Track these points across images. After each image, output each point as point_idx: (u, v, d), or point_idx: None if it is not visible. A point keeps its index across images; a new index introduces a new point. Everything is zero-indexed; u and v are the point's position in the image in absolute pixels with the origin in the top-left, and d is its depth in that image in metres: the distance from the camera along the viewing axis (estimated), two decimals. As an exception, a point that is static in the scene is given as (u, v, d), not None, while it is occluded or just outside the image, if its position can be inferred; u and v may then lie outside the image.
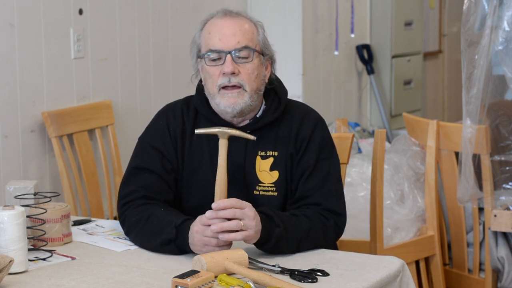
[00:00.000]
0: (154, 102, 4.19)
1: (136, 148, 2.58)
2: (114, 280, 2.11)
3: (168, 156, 2.51)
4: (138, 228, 2.39)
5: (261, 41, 2.48)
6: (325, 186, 2.46)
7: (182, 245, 2.29)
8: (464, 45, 3.51)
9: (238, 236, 2.22)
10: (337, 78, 5.38)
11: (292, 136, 2.49)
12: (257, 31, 2.48)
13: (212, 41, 2.43)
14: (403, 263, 2.28)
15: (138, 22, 4.09)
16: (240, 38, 2.42)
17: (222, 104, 2.42)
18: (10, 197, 2.49)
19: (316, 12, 5.04)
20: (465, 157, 3.47)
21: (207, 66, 2.44)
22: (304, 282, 2.10)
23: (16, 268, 2.15)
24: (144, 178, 2.49)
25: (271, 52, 2.52)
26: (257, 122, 2.49)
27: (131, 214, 2.43)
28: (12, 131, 3.49)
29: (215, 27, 2.45)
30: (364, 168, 3.91)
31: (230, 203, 2.22)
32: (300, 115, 2.52)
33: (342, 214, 2.47)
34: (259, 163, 2.48)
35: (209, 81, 2.45)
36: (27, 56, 3.52)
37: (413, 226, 3.69)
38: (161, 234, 2.33)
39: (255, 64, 2.44)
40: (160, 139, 2.52)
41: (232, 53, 2.41)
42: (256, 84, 2.44)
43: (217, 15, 2.49)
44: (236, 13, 2.48)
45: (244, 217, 2.22)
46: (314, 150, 2.48)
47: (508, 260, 3.50)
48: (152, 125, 2.59)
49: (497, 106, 3.58)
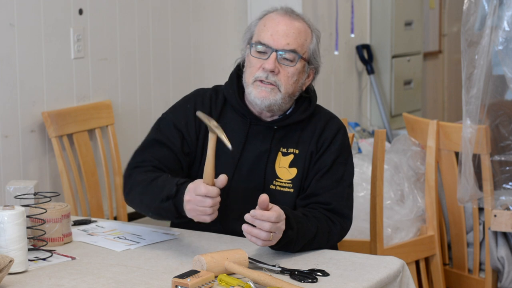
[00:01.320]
0: (154, 102, 4.19)
1: (158, 123, 2.57)
2: (114, 280, 2.11)
3: (188, 140, 2.52)
4: (141, 187, 2.39)
5: (311, 50, 2.50)
6: (337, 188, 2.48)
7: (178, 203, 2.28)
8: (464, 45, 3.51)
9: (259, 243, 2.23)
10: (337, 78, 5.38)
11: (315, 136, 2.52)
12: (311, 38, 2.50)
13: (264, 34, 2.45)
14: (403, 263, 2.28)
15: (138, 22, 4.09)
16: (291, 40, 2.44)
17: (253, 94, 2.45)
18: (10, 197, 2.49)
19: (316, 12, 5.04)
20: (465, 157, 3.47)
21: (251, 56, 2.47)
22: (304, 282, 2.10)
23: (16, 268, 2.15)
24: (161, 151, 2.49)
25: (317, 63, 2.53)
26: (286, 119, 2.51)
27: (137, 175, 2.43)
28: (12, 131, 3.49)
29: (271, 22, 2.46)
30: (364, 168, 3.92)
31: (268, 218, 2.20)
32: (325, 119, 2.56)
33: (349, 218, 2.49)
34: (279, 159, 2.50)
35: (248, 70, 2.48)
36: (27, 56, 3.52)
37: (413, 226, 3.69)
38: (162, 192, 2.32)
39: (297, 69, 2.46)
40: (184, 121, 2.53)
41: (279, 52, 2.43)
42: (292, 89, 2.47)
43: (278, 11, 2.50)
44: (297, 15, 2.50)
45: (277, 231, 2.23)
46: (333, 152, 2.51)
47: (508, 260, 3.50)
48: (178, 106, 2.59)
49: (497, 106, 3.58)
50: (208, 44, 4.49)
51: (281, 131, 2.51)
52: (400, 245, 3.57)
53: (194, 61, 4.44)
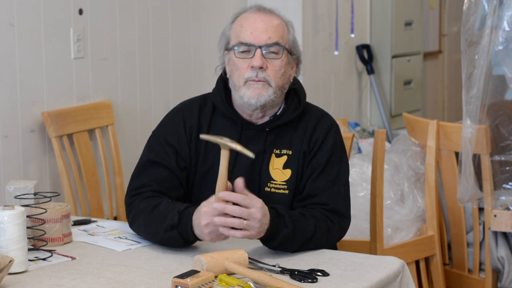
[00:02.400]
0: (154, 102, 4.19)
1: (150, 142, 2.57)
2: (114, 280, 2.11)
3: (182, 154, 2.51)
4: (143, 217, 2.39)
5: (291, 40, 2.51)
6: (333, 188, 2.47)
7: (184, 231, 2.29)
8: (464, 45, 3.51)
9: (238, 234, 2.23)
10: (337, 78, 5.38)
11: (307, 136, 2.51)
12: (287, 30, 2.51)
13: (244, 34, 2.45)
14: (403, 263, 2.28)
15: (138, 22, 4.09)
16: (271, 34, 2.44)
17: (247, 95, 2.44)
18: (10, 197, 2.49)
19: (316, 12, 5.04)
20: (465, 157, 3.47)
21: (236, 58, 2.46)
22: (304, 282, 2.10)
23: (16, 268, 2.15)
24: (157, 172, 2.49)
25: (298, 53, 2.54)
26: (277, 120, 2.51)
27: (138, 203, 2.43)
28: (12, 131, 3.49)
29: (247, 21, 2.47)
30: (364, 168, 3.92)
31: (235, 198, 2.21)
32: (316, 117, 2.55)
33: (347, 217, 2.48)
34: (273, 161, 2.50)
35: (235, 73, 2.47)
36: (27, 56, 3.52)
37: (413, 226, 3.70)
38: (164, 221, 2.33)
39: (283, 61, 2.46)
40: (176, 136, 2.53)
41: (263, 48, 2.43)
42: (282, 82, 2.47)
43: (250, 10, 2.51)
44: (269, 10, 2.52)
45: (250, 218, 2.22)
46: (326, 151, 2.50)
47: (508, 260, 3.50)
48: (167, 121, 2.59)
49: (497, 106, 3.58)
50: (208, 44, 4.49)
51: (273, 133, 2.50)
52: (400, 245, 3.57)
53: (194, 61, 4.44)
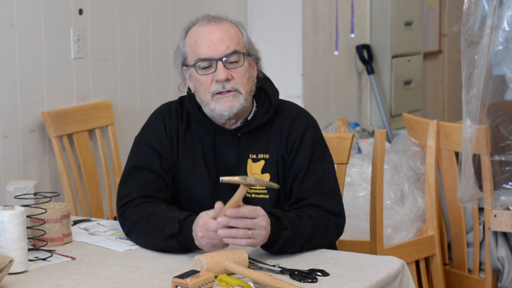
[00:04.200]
0: (154, 102, 4.19)
1: (133, 148, 2.57)
2: (114, 280, 2.11)
3: (165, 156, 2.51)
4: (139, 227, 2.39)
5: (247, 42, 2.48)
6: (322, 187, 2.45)
7: (185, 240, 2.29)
8: (464, 45, 3.51)
9: (243, 242, 2.22)
10: (337, 78, 5.38)
11: (283, 138, 2.48)
12: (241, 33, 2.47)
13: (201, 50, 2.41)
14: (403, 263, 2.28)
15: (138, 22, 4.09)
16: (228, 43, 2.41)
17: (218, 108, 2.41)
18: (10, 197, 2.49)
19: (316, 12, 5.04)
20: (465, 157, 3.47)
21: (199, 75, 2.42)
22: (304, 282, 2.10)
23: (16, 268, 2.15)
24: (143, 177, 2.48)
25: (256, 52, 2.51)
26: (248, 124, 2.48)
27: (131, 214, 2.43)
28: (12, 131, 3.49)
29: (201, 35, 2.43)
30: (364, 168, 3.92)
31: (243, 213, 2.20)
32: (291, 117, 2.51)
33: (341, 214, 2.47)
34: (250, 166, 2.47)
35: (200, 89, 2.44)
36: (27, 56, 3.52)
37: (413, 226, 3.70)
38: (163, 230, 2.32)
39: (245, 67, 2.43)
40: (158, 139, 2.52)
41: (223, 59, 2.40)
42: (250, 86, 2.45)
43: (200, 22, 2.47)
44: (219, 18, 2.48)
45: (255, 227, 2.21)
46: (307, 151, 2.47)
47: (508, 260, 3.50)
48: (148, 125, 2.59)
49: (497, 106, 3.58)
50: (208, 44, 4.48)
51: (247, 137, 2.47)
52: (400, 245, 3.57)
53: (194, 61, 4.44)
